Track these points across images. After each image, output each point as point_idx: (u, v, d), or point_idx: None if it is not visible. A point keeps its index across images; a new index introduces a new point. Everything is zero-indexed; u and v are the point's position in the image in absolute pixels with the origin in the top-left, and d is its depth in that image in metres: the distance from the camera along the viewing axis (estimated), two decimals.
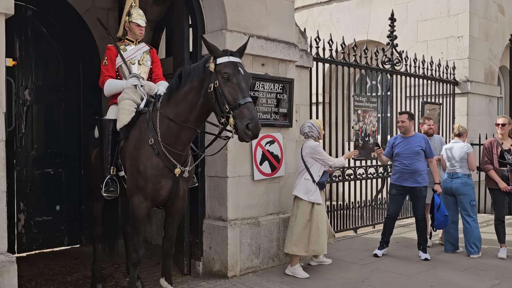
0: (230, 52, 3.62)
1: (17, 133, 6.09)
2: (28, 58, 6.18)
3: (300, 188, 5.19)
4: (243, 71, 3.57)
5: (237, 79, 3.50)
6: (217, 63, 3.55)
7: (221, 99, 3.48)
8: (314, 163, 5.20)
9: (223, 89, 3.48)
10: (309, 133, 5.29)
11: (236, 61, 3.58)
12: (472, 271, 5.38)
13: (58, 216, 6.48)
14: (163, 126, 3.85)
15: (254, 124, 3.37)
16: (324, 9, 11.53)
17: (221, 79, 3.50)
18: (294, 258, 5.19)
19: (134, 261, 4.05)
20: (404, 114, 6.08)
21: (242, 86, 3.49)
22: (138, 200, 3.91)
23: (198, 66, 3.76)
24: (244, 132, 3.38)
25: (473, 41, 9.49)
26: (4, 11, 3.46)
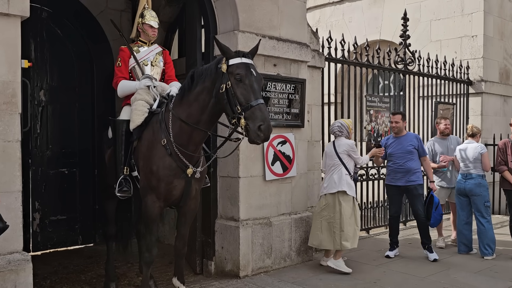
0: (242, 53, 3.63)
1: (32, 133, 6.18)
2: (43, 59, 6.27)
3: (343, 183, 5.25)
4: (255, 73, 3.58)
5: (250, 80, 3.50)
6: (229, 64, 3.56)
7: (233, 100, 3.49)
8: (349, 160, 5.33)
9: (235, 90, 3.49)
10: (339, 133, 5.39)
11: (249, 62, 3.59)
12: (486, 273, 5.33)
13: (72, 215, 6.56)
14: (176, 126, 3.88)
15: (266, 125, 3.37)
16: (337, 9, 11.49)
17: (233, 80, 3.51)
18: (338, 252, 5.27)
19: (147, 260, 4.09)
20: (398, 114, 6.06)
21: (254, 87, 3.50)
22: (151, 200, 3.95)
23: (210, 67, 3.77)
24: (256, 133, 3.38)
25: (488, 40, 9.38)
26: (20, 14, 3.53)
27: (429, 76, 8.49)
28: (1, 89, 3.46)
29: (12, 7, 3.46)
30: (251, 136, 3.41)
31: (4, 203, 3.47)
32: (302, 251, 5.60)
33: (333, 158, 5.35)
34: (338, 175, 5.29)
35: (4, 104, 3.48)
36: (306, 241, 5.62)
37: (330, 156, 5.38)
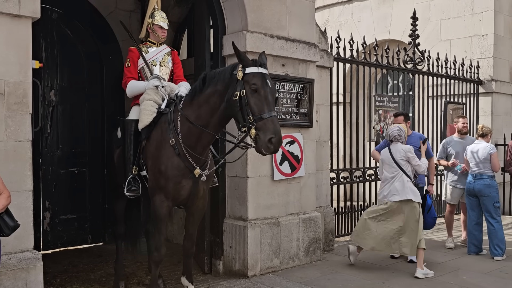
0: (260, 62, 3.61)
1: (42, 133, 6.23)
2: (54, 60, 6.32)
3: (408, 191, 5.23)
4: (271, 84, 3.59)
5: (265, 92, 3.51)
6: (245, 72, 3.55)
7: (246, 109, 3.50)
8: (408, 165, 5.29)
9: (250, 100, 3.50)
10: (398, 137, 5.35)
11: (265, 72, 3.59)
12: (496, 274, 5.29)
13: (82, 214, 6.61)
14: (184, 127, 3.90)
15: (277, 139, 3.42)
16: (345, 9, 11.46)
17: (248, 89, 3.51)
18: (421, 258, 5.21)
19: (155, 259, 4.11)
20: (400, 116, 5.90)
21: (269, 99, 3.52)
22: (160, 199, 3.97)
23: (225, 71, 3.76)
24: (266, 145, 3.41)
25: (498, 40, 9.30)
26: (31, 15, 3.57)
27: (438, 75, 8.44)
28: (12, 90, 3.51)
29: (23, 8, 3.51)
30: (260, 147, 3.45)
31: (15, 202, 3.51)
32: (310, 251, 5.60)
33: (391, 165, 5.31)
34: (400, 182, 5.26)
35: (15, 104, 3.53)
36: (315, 241, 5.62)
37: (388, 163, 5.34)
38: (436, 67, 8.39)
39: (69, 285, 4.93)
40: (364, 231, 5.39)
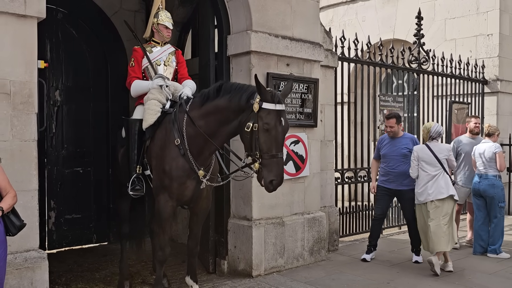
0: (278, 98, 3.58)
1: (48, 133, 6.26)
2: (59, 60, 6.35)
3: (451, 188, 5.35)
4: (284, 122, 3.58)
5: (276, 132, 3.52)
6: (262, 106, 3.52)
7: (255, 142, 3.53)
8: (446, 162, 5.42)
9: (260, 136, 3.52)
10: (441, 135, 5.53)
11: (281, 109, 3.58)
12: (502, 274, 5.26)
13: (87, 214, 6.63)
14: (190, 129, 3.89)
15: (278, 181, 3.49)
16: (350, 8, 11.44)
17: (261, 125, 3.51)
18: (448, 254, 5.44)
19: (160, 259, 4.12)
20: (392, 118, 5.74)
21: (278, 140, 3.53)
22: (164, 199, 3.98)
23: (242, 94, 3.69)
24: (266, 185, 3.53)
25: (503, 39, 9.26)
26: (36, 15, 3.58)
27: (443, 75, 8.41)
28: (18, 89, 3.52)
29: (28, 8, 3.52)
30: (260, 181, 3.56)
31: (21, 201, 3.52)
32: (315, 251, 5.59)
33: (434, 164, 5.33)
34: (444, 180, 5.31)
35: (21, 104, 3.54)
36: (319, 241, 5.61)
37: (430, 162, 5.34)
38: (441, 67, 8.36)
39: (74, 284, 4.94)
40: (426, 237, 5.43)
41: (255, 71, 5.03)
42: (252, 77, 5.01)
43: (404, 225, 7.68)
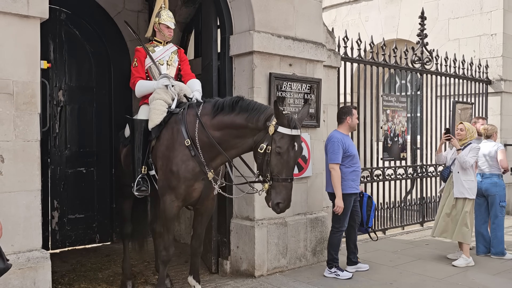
0: (294, 123, 3.59)
1: (51, 133, 6.27)
2: (62, 60, 6.36)
3: None
4: (298, 147, 3.61)
5: (288, 157, 3.56)
6: (277, 129, 3.55)
7: (267, 164, 3.58)
8: None
9: (272, 159, 3.56)
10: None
11: (296, 134, 3.60)
12: (505, 275, 5.24)
13: (90, 214, 6.64)
14: (202, 136, 3.89)
15: (285, 205, 3.56)
16: (353, 8, 11.43)
17: (274, 148, 3.55)
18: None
19: (164, 259, 4.12)
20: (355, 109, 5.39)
21: (290, 165, 3.59)
22: (170, 199, 3.98)
23: (260, 115, 3.69)
24: (273, 207, 3.59)
25: (507, 39, 9.22)
26: (39, 16, 3.59)
27: (447, 75, 8.39)
28: (20, 90, 3.53)
29: (31, 9, 3.52)
30: (268, 203, 3.64)
31: (24, 201, 3.54)
32: (317, 251, 5.58)
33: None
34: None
35: (23, 104, 3.54)
36: (322, 241, 5.60)
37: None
38: (445, 67, 8.33)
39: (77, 284, 4.95)
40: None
41: (258, 71, 5.04)
42: (255, 77, 5.02)
43: (407, 225, 7.69)
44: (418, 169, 7.86)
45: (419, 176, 7.88)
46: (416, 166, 7.84)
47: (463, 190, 5.58)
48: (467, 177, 5.61)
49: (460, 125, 5.93)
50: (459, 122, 6.17)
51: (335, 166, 5.00)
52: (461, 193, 5.60)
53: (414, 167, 7.80)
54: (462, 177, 5.60)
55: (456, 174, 5.65)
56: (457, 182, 5.63)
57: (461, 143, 5.75)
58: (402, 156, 7.45)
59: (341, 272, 5.06)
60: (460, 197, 5.62)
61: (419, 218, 7.93)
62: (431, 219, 8.07)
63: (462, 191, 5.59)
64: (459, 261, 5.57)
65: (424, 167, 7.95)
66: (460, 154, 5.59)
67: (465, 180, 5.59)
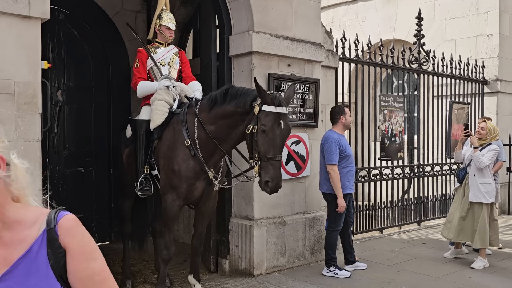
0: (279, 101, 3.59)
1: (49, 133, 6.27)
2: (60, 60, 6.36)
3: None
4: (284, 124, 3.58)
5: (274, 135, 3.53)
6: (261, 108, 3.55)
7: (254, 145, 3.57)
8: None
9: (258, 138, 3.55)
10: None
11: (282, 112, 3.58)
12: (502, 274, 5.30)
13: (88, 213, 6.64)
14: (201, 133, 3.93)
15: (274, 184, 3.52)
16: (350, 8, 11.47)
17: (259, 128, 3.54)
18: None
19: (165, 257, 4.14)
20: (347, 107, 5.40)
21: (276, 143, 3.55)
22: (171, 198, 4.01)
23: (247, 96, 3.72)
24: (263, 187, 3.57)
25: (503, 39, 9.29)
26: (41, 16, 3.60)
27: (443, 75, 8.44)
28: (22, 90, 3.54)
29: (33, 9, 3.54)
30: (260, 186, 3.63)
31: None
32: (316, 250, 5.62)
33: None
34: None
35: (25, 105, 3.56)
36: (320, 240, 5.64)
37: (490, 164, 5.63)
38: (441, 67, 8.39)
39: None
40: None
41: (257, 71, 5.07)
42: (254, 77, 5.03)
43: (404, 224, 7.74)
44: (415, 169, 7.91)
45: (416, 175, 7.93)
46: (413, 166, 7.89)
47: (479, 194, 5.44)
48: (484, 179, 5.46)
49: (482, 123, 5.66)
50: (482, 120, 5.87)
51: (334, 167, 5.02)
52: (477, 197, 5.46)
53: (411, 166, 7.85)
54: (478, 180, 5.45)
55: (472, 177, 5.50)
56: (473, 185, 5.48)
57: (480, 143, 5.55)
58: (399, 156, 7.50)
59: (340, 271, 5.10)
60: (475, 201, 5.49)
61: (416, 218, 7.98)
62: (428, 219, 8.14)
63: (478, 195, 5.45)
64: (477, 263, 5.49)
65: (421, 167, 8.01)
66: (476, 153, 5.42)
67: (481, 184, 5.44)
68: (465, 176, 5.68)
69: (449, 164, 8.43)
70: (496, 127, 5.83)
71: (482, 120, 5.91)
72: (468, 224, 5.57)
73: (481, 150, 5.51)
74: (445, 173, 8.36)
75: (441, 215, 8.26)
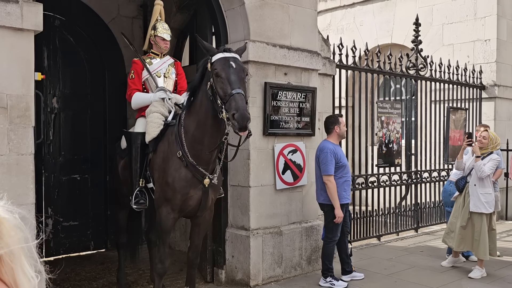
0: (224, 48, 3.68)
1: (45, 140, 6.23)
2: (56, 67, 6.33)
3: None
4: (235, 64, 3.58)
5: (226, 73, 3.53)
6: (212, 61, 3.62)
7: (216, 95, 3.56)
8: None
9: (216, 86, 3.56)
10: None
11: (229, 56, 3.61)
12: (499, 283, 5.27)
13: (84, 221, 6.61)
14: (188, 137, 3.90)
15: (239, 114, 3.33)
16: (348, 12, 11.45)
17: (214, 76, 3.57)
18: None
19: (159, 271, 4.10)
20: (341, 117, 5.35)
21: (231, 79, 3.51)
22: (166, 211, 3.97)
23: (201, 69, 3.81)
24: (231, 122, 3.41)
25: (501, 45, 9.27)
26: (34, 28, 3.57)
27: (441, 81, 8.42)
28: (14, 103, 3.50)
29: (25, 22, 3.50)
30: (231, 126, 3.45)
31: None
32: (312, 260, 5.59)
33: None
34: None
35: (17, 118, 3.52)
36: (317, 249, 5.61)
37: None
38: (439, 73, 8.36)
39: None
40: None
41: (253, 80, 5.04)
42: (250, 86, 5.01)
43: (401, 231, 7.71)
44: (413, 175, 7.89)
45: (413, 182, 7.91)
46: (411, 172, 7.86)
47: (479, 204, 5.40)
48: (485, 189, 5.41)
49: (484, 133, 5.61)
50: (484, 129, 5.80)
51: (330, 178, 4.98)
52: (477, 207, 5.41)
53: (408, 173, 7.83)
54: (479, 190, 5.40)
55: (473, 186, 5.46)
56: (473, 195, 5.44)
57: (481, 152, 5.51)
58: (397, 162, 7.48)
59: (336, 282, 5.07)
60: (475, 211, 5.46)
61: (413, 224, 7.96)
62: (425, 225, 8.12)
63: (478, 205, 5.41)
64: (475, 272, 5.45)
65: (418, 173, 7.99)
66: (478, 162, 5.37)
67: (482, 194, 5.39)
68: (465, 185, 5.65)
69: (447, 170, 8.40)
70: (497, 136, 5.79)
71: (484, 129, 5.79)
72: (468, 233, 5.54)
73: (483, 159, 5.47)
74: (443, 179, 8.33)
75: (439, 221, 8.24)
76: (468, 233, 5.54)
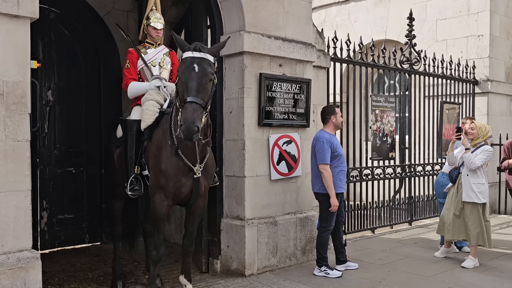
0: (194, 46, 3.60)
1: (40, 133, 6.23)
2: (51, 60, 6.32)
3: None
4: (198, 68, 3.51)
5: (186, 78, 3.52)
6: (182, 58, 3.63)
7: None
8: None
9: (178, 86, 3.62)
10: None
11: (196, 56, 3.54)
12: (492, 273, 5.33)
13: (79, 214, 6.61)
14: (176, 126, 3.92)
15: (185, 127, 3.36)
16: (342, 9, 11.51)
17: (178, 77, 3.62)
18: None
19: (154, 258, 4.13)
20: (337, 107, 5.40)
21: (189, 86, 3.49)
22: (160, 198, 3.99)
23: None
24: (179, 132, 3.46)
25: (494, 40, 9.36)
26: (30, 15, 3.57)
27: (434, 76, 8.49)
28: (11, 90, 3.51)
29: (21, 8, 3.51)
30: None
31: (14, 202, 3.53)
32: (307, 250, 5.63)
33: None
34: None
35: (14, 104, 3.53)
36: (312, 240, 5.65)
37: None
38: (432, 67, 8.43)
39: (67, 284, 4.94)
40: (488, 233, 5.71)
41: (248, 71, 5.07)
42: (245, 77, 5.05)
43: (395, 224, 7.77)
44: (407, 169, 7.95)
45: (407, 175, 7.97)
46: (405, 166, 7.92)
47: (472, 194, 5.44)
48: (478, 179, 5.45)
49: (471, 124, 5.67)
50: (470, 121, 5.85)
51: (326, 167, 5.02)
52: (470, 197, 5.46)
53: (402, 166, 7.89)
54: (472, 179, 5.44)
55: (466, 176, 5.50)
56: (466, 185, 5.49)
57: (473, 143, 5.57)
58: (391, 156, 7.53)
59: (331, 271, 5.11)
60: (468, 201, 5.50)
61: (407, 217, 8.02)
62: (419, 218, 8.19)
63: (471, 195, 5.45)
64: (468, 262, 5.52)
65: (412, 167, 8.05)
66: (467, 154, 5.41)
67: (475, 184, 5.43)
68: (458, 176, 5.70)
69: (440, 164, 8.46)
70: (487, 125, 5.83)
71: (470, 121, 5.89)
72: (462, 222, 5.60)
73: (475, 151, 5.52)
74: (436, 173, 8.39)
75: (433, 214, 8.31)
76: (462, 222, 5.60)
